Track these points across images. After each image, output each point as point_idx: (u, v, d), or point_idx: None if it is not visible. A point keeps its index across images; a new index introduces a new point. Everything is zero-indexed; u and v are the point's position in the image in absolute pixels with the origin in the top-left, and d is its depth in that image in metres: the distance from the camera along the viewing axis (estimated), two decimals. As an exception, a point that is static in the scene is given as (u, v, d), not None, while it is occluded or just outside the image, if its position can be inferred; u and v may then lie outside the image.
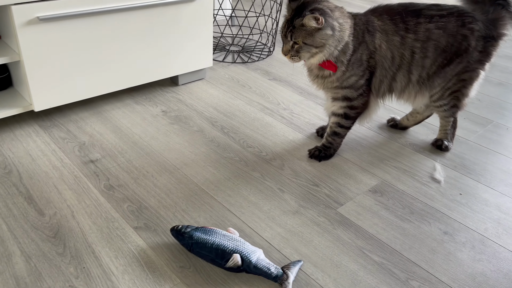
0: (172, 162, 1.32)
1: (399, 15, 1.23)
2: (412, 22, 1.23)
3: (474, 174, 1.34)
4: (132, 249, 1.01)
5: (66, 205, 1.13)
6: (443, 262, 1.03)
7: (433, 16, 1.23)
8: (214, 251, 0.95)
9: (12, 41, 1.32)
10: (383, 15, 1.23)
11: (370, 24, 1.21)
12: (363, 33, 1.20)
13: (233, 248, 0.95)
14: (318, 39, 1.12)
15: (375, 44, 1.21)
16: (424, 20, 1.23)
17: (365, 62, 1.22)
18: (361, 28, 1.20)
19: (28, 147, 1.35)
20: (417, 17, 1.23)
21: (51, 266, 0.96)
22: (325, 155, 1.36)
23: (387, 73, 1.25)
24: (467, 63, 1.26)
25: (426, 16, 1.23)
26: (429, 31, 1.23)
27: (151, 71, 1.61)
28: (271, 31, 2.18)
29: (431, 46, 1.24)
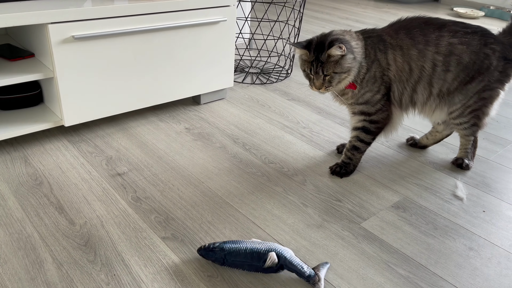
0: (197, 176, 1.34)
1: (418, 28, 1.27)
2: (433, 35, 1.26)
3: (497, 192, 1.35)
4: (161, 258, 1.03)
5: (96, 215, 1.16)
6: (470, 277, 1.02)
7: (458, 31, 1.27)
8: (250, 255, 0.97)
9: (46, 58, 1.39)
10: (399, 32, 1.27)
11: (381, 43, 1.26)
12: (374, 52, 1.26)
13: (267, 248, 0.97)
14: (345, 65, 1.20)
15: (388, 60, 1.26)
16: (447, 34, 1.26)
17: (379, 79, 1.27)
18: (373, 47, 1.26)
19: (58, 160, 1.39)
20: (439, 30, 1.27)
21: (82, 273, 0.97)
22: (346, 171, 1.38)
23: (406, 85, 1.29)
24: (488, 82, 1.29)
25: (450, 30, 1.27)
26: (452, 45, 1.26)
27: (175, 90, 1.66)
28: (289, 55, 2.24)
29: (454, 60, 1.27)
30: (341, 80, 1.24)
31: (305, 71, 1.27)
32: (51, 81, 1.42)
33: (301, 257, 1.05)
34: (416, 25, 1.28)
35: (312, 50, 1.22)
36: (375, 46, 1.26)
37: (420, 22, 1.28)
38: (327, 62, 1.20)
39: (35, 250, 1.03)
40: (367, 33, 1.29)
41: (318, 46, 1.21)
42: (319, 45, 1.21)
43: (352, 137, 1.37)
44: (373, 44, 1.26)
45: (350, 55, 1.21)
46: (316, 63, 1.21)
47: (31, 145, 1.46)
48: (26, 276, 0.96)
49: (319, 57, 1.20)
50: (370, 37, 1.28)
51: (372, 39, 1.27)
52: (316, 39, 1.23)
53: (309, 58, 1.23)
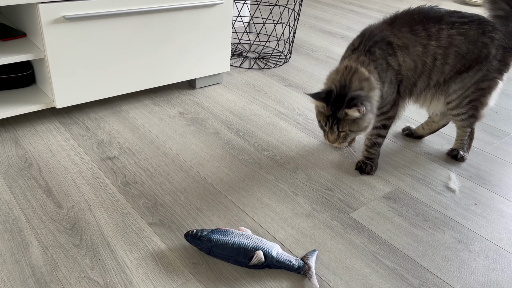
0: (188, 162, 1.33)
1: (421, 23, 1.22)
2: (434, 29, 1.23)
3: (490, 185, 1.33)
4: (147, 244, 1.02)
5: (84, 199, 1.15)
6: (457, 270, 1.02)
7: (455, 22, 1.24)
8: (236, 250, 0.96)
9: (37, 39, 1.37)
10: (402, 29, 1.22)
11: (389, 47, 1.20)
12: (386, 61, 1.20)
13: (254, 246, 0.96)
14: (363, 124, 1.15)
15: (399, 61, 1.21)
16: (446, 26, 1.23)
17: (394, 82, 1.23)
18: (383, 57, 1.19)
19: (49, 142, 1.38)
20: (439, 23, 1.23)
21: (67, 257, 0.97)
22: (372, 168, 1.35)
23: (410, 80, 1.26)
24: (486, 71, 1.26)
25: (448, 22, 1.24)
26: (451, 37, 1.23)
27: (170, 73, 1.64)
28: (288, 39, 2.20)
29: (452, 52, 1.24)
30: (357, 135, 1.20)
31: (320, 122, 1.20)
32: (42, 62, 1.40)
33: (288, 246, 1.05)
34: (417, 20, 1.23)
35: (330, 104, 1.14)
36: (385, 55, 1.20)
37: (421, 17, 1.24)
38: (344, 119, 1.14)
39: (21, 232, 1.03)
40: (372, 40, 1.20)
41: (337, 101, 1.13)
42: (338, 99, 1.13)
43: (371, 135, 1.32)
44: (383, 53, 1.19)
45: (369, 115, 1.14)
46: (333, 119, 1.15)
47: (23, 126, 1.45)
48: (11, 258, 0.96)
49: (336, 113, 1.14)
50: (377, 43, 1.20)
51: (380, 49, 1.19)
52: (336, 89, 1.14)
53: (326, 112, 1.16)
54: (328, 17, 3.01)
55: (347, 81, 1.14)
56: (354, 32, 2.71)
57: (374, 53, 1.19)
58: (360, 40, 1.23)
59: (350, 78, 1.15)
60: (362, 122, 1.15)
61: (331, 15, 3.06)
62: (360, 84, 1.14)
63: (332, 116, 1.15)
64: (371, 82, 1.15)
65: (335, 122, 1.15)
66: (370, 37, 1.21)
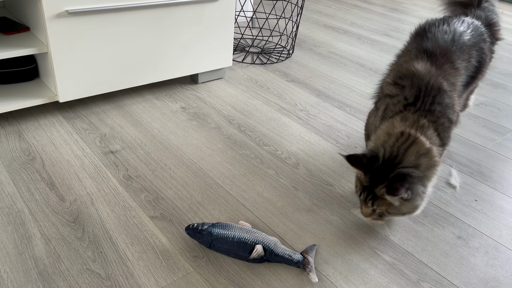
0: (190, 156, 1.34)
1: (455, 52, 1.10)
2: (466, 55, 1.12)
3: (491, 181, 1.33)
4: (148, 237, 1.03)
5: (86, 192, 1.16)
6: (456, 265, 1.02)
7: (466, 40, 1.16)
8: (236, 244, 0.97)
9: (40, 33, 1.37)
10: (445, 66, 1.06)
11: (445, 96, 1.01)
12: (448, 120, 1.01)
13: (254, 240, 0.97)
14: (405, 210, 0.94)
15: (455, 109, 1.03)
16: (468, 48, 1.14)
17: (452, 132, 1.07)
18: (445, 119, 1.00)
19: (52, 136, 1.39)
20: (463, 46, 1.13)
21: (69, 249, 0.99)
22: None
23: None
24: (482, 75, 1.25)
25: (465, 41, 1.15)
26: (471, 56, 1.15)
27: (173, 68, 1.65)
28: (291, 34, 2.20)
29: (469, 71, 1.17)
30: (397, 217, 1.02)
31: (356, 187, 1.01)
32: (46, 56, 1.41)
33: (288, 241, 1.06)
34: (452, 49, 1.10)
35: (370, 173, 0.93)
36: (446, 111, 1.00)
37: (450, 44, 1.11)
38: (381, 199, 0.93)
39: (24, 225, 1.04)
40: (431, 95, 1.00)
41: (380, 172, 0.91)
42: (382, 170, 0.91)
43: None
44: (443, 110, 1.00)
45: (416, 202, 0.91)
46: (369, 191, 0.94)
47: (26, 120, 1.46)
48: (14, 250, 0.97)
49: (374, 187, 0.92)
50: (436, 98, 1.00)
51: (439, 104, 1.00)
52: (383, 157, 0.93)
53: (363, 181, 0.95)
54: (332, 12, 3.00)
55: (401, 152, 0.92)
56: (357, 27, 2.70)
57: (434, 112, 0.98)
58: (416, 94, 1.01)
59: (405, 149, 0.92)
60: (406, 208, 0.92)
61: (335, 10, 3.05)
62: (418, 161, 0.91)
63: (369, 189, 0.93)
64: (432, 156, 0.93)
65: (371, 197, 0.94)
66: (428, 90, 1.01)
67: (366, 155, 0.93)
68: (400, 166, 0.90)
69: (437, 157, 0.94)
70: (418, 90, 1.01)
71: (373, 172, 0.92)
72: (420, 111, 0.99)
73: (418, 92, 1.01)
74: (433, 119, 0.98)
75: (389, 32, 2.65)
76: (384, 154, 0.92)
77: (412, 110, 0.99)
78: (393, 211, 0.93)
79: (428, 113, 0.98)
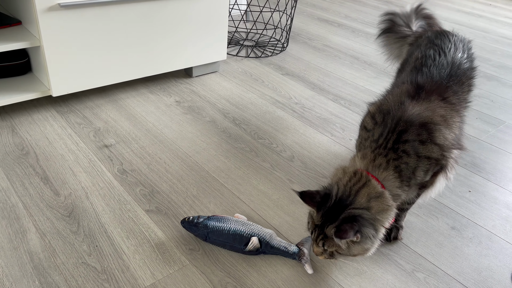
0: (185, 150, 1.34)
1: (449, 87, 1.01)
2: (458, 85, 1.04)
3: (484, 173, 1.34)
4: (144, 231, 1.03)
5: (81, 186, 1.16)
6: (450, 255, 1.03)
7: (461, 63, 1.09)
8: (232, 237, 0.97)
9: (33, 26, 1.36)
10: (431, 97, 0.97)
11: (424, 131, 0.91)
12: (417, 156, 0.91)
13: (250, 232, 0.98)
14: (355, 251, 0.87)
15: (438, 142, 0.92)
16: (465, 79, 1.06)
17: (431, 170, 0.95)
18: (410, 158, 0.91)
19: (45, 130, 1.38)
20: (458, 75, 1.05)
21: (65, 243, 0.98)
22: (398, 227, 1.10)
23: None
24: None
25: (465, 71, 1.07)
26: (469, 84, 1.08)
27: (167, 62, 1.64)
28: (285, 27, 2.19)
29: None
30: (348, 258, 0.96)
31: (308, 223, 0.92)
32: (38, 50, 1.39)
33: (284, 233, 1.06)
34: (447, 85, 1.01)
35: (322, 212, 0.87)
36: (414, 147, 0.91)
37: (447, 80, 1.03)
38: (331, 239, 0.86)
39: (18, 219, 1.04)
40: (397, 130, 0.91)
41: (331, 212, 0.86)
42: (333, 210, 0.86)
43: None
44: (410, 146, 0.91)
45: (368, 243, 0.86)
46: (320, 231, 0.87)
47: (19, 115, 1.45)
48: (9, 245, 0.97)
49: (324, 227, 0.86)
50: (403, 134, 0.91)
51: (405, 141, 0.90)
52: (335, 195, 0.87)
53: (315, 219, 0.88)
54: (325, 5, 3.00)
55: (353, 192, 0.87)
56: (351, 20, 2.70)
57: (397, 150, 0.91)
58: (380, 132, 0.94)
59: (357, 190, 0.87)
60: (355, 250, 0.86)
61: (329, 3, 3.04)
62: (368, 203, 0.86)
63: (320, 228, 0.87)
64: (383, 200, 0.87)
65: (322, 237, 0.87)
66: (393, 126, 0.92)
67: (319, 192, 0.88)
68: (351, 207, 0.85)
69: (389, 201, 0.87)
70: (384, 126, 0.94)
71: (325, 210, 0.87)
72: (380, 148, 0.92)
73: (384, 129, 0.93)
74: (394, 157, 0.90)
75: (383, 25, 2.65)
76: (337, 193, 0.87)
77: (373, 147, 0.93)
78: (343, 252, 0.87)
79: (390, 151, 0.91)
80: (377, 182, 0.88)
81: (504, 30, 2.76)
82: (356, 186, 0.87)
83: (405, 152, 0.90)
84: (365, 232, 0.84)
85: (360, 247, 0.85)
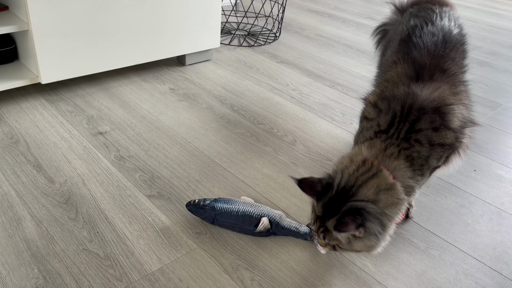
0: (183, 136, 1.29)
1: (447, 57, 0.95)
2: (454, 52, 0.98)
3: (487, 153, 1.33)
4: (147, 216, 0.98)
5: (77, 173, 1.10)
6: (461, 232, 1.01)
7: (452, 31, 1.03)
8: (241, 218, 0.93)
9: (21, 11, 1.29)
10: (435, 73, 0.91)
11: (437, 118, 0.85)
12: (430, 144, 0.85)
13: (259, 213, 0.94)
14: (358, 247, 0.79)
15: (452, 126, 0.86)
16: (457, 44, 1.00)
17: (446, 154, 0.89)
18: (422, 147, 0.85)
19: (35, 119, 1.31)
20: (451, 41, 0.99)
21: (63, 230, 0.93)
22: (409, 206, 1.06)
23: None
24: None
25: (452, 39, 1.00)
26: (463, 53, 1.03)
27: (159, 49, 1.59)
28: (277, 17, 2.17)
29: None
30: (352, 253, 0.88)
31: (312, 213, 0.85)
32: (26, 35, 1.33)
33: (292, 214, 1.02)
34: (445, 54, 0.95)
35: (323, 202, 0.79)
36: (428, 135, 0.85)
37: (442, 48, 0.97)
38: (332, 232, 0.78)
39: (12, 207, 0.97)
40: (410, 119, 0.85)
41: (333, 202, 0.78)
42: (335, 200, 0.78)
43: None
44: (424, 135, 0.85)
45: (370, 241, 0.77)
46: (321, 223, 0.80)
47: (6, 103, 1.38)
48: (4, 233, 0.90)
49: (325, 219, 0.79)
50: (416, 123, 0.84)
51: (418, 130, 0.84)
52: (338, 185, 0.79)
53: (316, 210, 0.81)
54: (315, -3, 2.98)
55: (359, 182, 0.78)
56: (341, 11, 2.69)
57: (409, 140, 0.84)
58: (390, 120, 0.86)
59: (364, 181, 0.78)
60: (358, 246, 0.79)
61: None
62: (377, 196, 0.77)
63: (321, 220, 0.80)
64: (395, 193, 0.79)
65: (323, 230, 0.80)
66: (405, 115, 0.85)
67: (321, 181, 0.79)
68: (354, 199, 0.76)
69: (401, 194, 0.79)
70: (393, 115, 0.87)
71: (326, 201, 0.78)
72: (392, 139, 0.84)
73: (393, 118, 0.86)
74: (406, 147, 0.84)
75: (373, 15, 2.65)
76: (340, 182, 0.79)
77: (383, 138, 0.85)
78: (345, 247, 0.79)
79: (402, 141, 0.84)
80: (388, 173, 0.80)
81: (491, 19, 2.79)
82: (365, 176, 0.79)
83: (417, 141, 0.84)
84: (370, 227, 0.75)
85: (362, 243, 0.77)
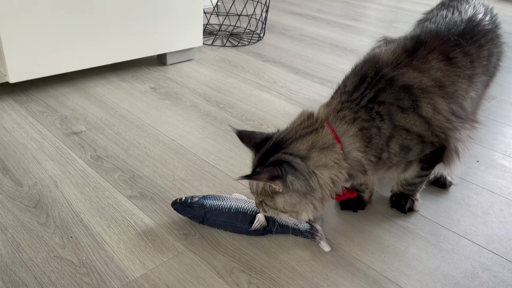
0: (166, 134, 1.19)
1: (458, 45, 0.84)
2: (474, 47, 0.87)
3: (488, 143, 1.27)
4: (127, 218, 0.88)
5: (48, 175, 0.99)
6: (472, 225, 0.94)
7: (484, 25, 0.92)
8: (234, 215, 0.83)
9: (-16, 1, 1.19)
10: (430, 58, 0.80)
11: (406, 98, 0.77)
12: (393, 125, 0.77)
13: (254, 209, 0.84)
14: (279, 204, 0.74)
15: (424, 115, 0.78)
16: (484, 39, 0.89)
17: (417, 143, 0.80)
18: (383, 123, 0.76)
19: (2, 120, 1.20)
20: (474, 34, 0.88)
21: (31, 236, 0.81)
22: (413, 199, 0.97)
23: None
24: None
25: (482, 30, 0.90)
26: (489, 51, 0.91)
27: (138, 47, 1.49)
28: (261, 17, 2.10)
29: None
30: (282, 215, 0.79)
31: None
32: (-9, 29, 1.22)
33: (289, 212, 0.93)
34: (452, 41, 0.85)
35: (258, 155, 0.76)
36: (391, 112, 0.76)
37: (455, 34, 0.86)
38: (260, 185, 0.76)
39: (-28, 214, 0.86)
40: (377, 87, 0.77)
41: (266, 155, 0.75)
42: (268, 153, 0.74)
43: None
44: (387, 110, 0.76)
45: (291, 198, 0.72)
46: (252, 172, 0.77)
47: (-30, 105, 1.26)
48: (-40, 242, 0.79)
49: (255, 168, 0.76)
50: (382, 93, 0.76)
51: (382, 102, 0.76)
52: (276, 138, 0.75)
53: (253, 162, 0.78)
54: (297, 0, 2.94)
55: (296, 136, 0.74)
56: (324, 13, 2.65)
57: (371, 111, 0.76)
58: (357, 82, 0.79)
59: (301, 135, 0.74)
60: (280, 202, 0.74)
61: None
62: (308, 152, 0.72)
63: (253, 169, 0.78)
64: (331, 155, 0.72)
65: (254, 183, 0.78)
66: (374, 83, 0.77)
67: (262, 134, 0.77)
68: (283, 152, 0.72)
69: (340, 160, 0.72)
70: (361, 79, 0.78)
71: (263, 153, 0.75)
72: (352, 103, 0.76)
73: (360, 82, 0.78)
74: (365, 118, 0.75)
75: (356, 17, 2.62)
76: (280, 135, 0.75)
77: (343, 99, 0.78)
78: (268, 201, 0.75)
79: (361, 109, 0.76)
80: (331, 132, 0.73)
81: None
82: (304, 130, 0.74)
83: (378, 114, 0.75)
84: (290, 182, 0.70)
85: (283, 200, 0.72)
